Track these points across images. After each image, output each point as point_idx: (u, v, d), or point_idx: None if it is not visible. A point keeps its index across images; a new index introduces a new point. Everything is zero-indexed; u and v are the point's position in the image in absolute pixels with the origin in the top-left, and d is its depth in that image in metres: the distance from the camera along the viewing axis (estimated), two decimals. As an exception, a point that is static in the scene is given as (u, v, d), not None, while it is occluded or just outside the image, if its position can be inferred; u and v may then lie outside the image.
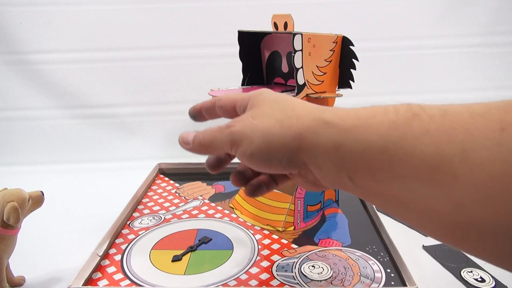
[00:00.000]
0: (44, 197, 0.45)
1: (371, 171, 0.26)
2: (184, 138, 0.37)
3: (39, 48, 0.85)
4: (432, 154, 0.23)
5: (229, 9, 0.86)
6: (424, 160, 0.23)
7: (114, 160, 0.87)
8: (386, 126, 0.25)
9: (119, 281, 0.46)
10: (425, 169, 0.23)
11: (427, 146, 0.23)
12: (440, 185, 0.23)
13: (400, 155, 0.24)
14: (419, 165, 0.23)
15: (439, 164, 0.23)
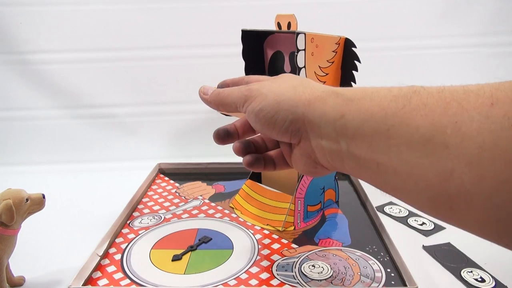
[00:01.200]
0: (45, 200, 0.45)
1: (369, 139, 0.28)
2: (204, 89, 0.41)
3: (39, 48, 0.85)
4: (427, 125, 0.24)
5: (231, 9, 0.85)
6: (418, 130, 0.25)
7: (114, 160, 0.87)
8: (388, 99, 0.27)
9: (119, 280, 0.46)
10: (419, 139, 0.25)
11: (422, 117, 0.25)
12: (432, 154, 0.24)
13: (398, 125, 0.26)
14: (414, 134, 0.25)
15: (432, 134, 0.24)
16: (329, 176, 0.63)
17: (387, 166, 0.27)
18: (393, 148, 0.26)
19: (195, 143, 0.90)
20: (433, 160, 0.24)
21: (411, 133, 0.25)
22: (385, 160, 0.27)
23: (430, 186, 0.25)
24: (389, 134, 0.26)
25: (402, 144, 0.25)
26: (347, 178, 0.76)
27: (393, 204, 0.67)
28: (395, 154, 0.26)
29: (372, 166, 0.28)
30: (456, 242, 0.55)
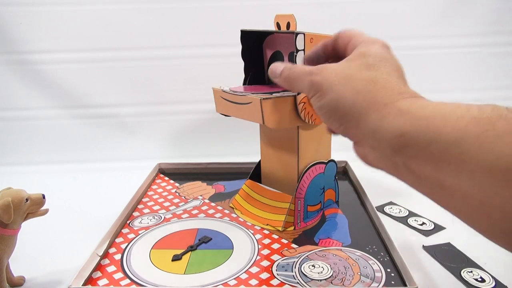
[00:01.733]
0: (45, 200, 0.45)
1: (435, 161, 0.25)
2: (273, 70, 0.39)
3: (39, 48, 0.85)
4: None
5: (230, 9, 0.86)
6: (501, 158, 0.23)
7: (114, 160, 0.87)
8: (465, 121, 0.25)
9: (119, 280, 0.46)
10: (501, 167, 0.23)
11: (507, 145, 0.23)
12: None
13: (475, 150, 0.24)
14: (495, 162, 0.23)
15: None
16: (329, 176, 0.63)
17: (454, 189, 0.25)
18: (465, 173, 0.24)
19: (195, 143, 0.91)
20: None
21: (491, 160, 0.23)
22: (454, 184, 0.25)
23: (508, 220, 0.23)
24: (463, 158, 0.24)
25: (479, 171, 0.23)
26: (347, 178, 0.76)
27: (393, 204, 0.67)
28: (466, 179, 0.24)
29: (434, 186, 0.26)
30: (456, 242, 0.55)
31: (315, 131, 0.59)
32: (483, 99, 0.91)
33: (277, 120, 0.52)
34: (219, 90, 0.56)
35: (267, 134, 0.62)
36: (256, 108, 0.50)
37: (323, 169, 0.61)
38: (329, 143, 0.63)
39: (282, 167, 0.61)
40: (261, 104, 0.49)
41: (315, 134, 0.59)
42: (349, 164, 0.78)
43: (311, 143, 0.59)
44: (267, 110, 0.50)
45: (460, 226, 0.61)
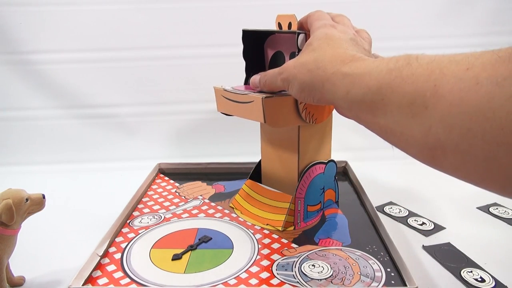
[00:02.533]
0: (45, 200, 0.45)
1: (371, 109, 0.34)
2: (253, 82, 0.51)
3: (39, 48, 0.85)
4: (412, 91, 0.29)
5: (231, 9, 0.86)
6: (405, 96, 0.30)
7: (114, 160, 0.87)
8: (384, 73, 0.32)
9: (119, 279, 0.46)
10: (406, 103, 0.30)
11: (409, 85, 0.30)
12: (416, 115, 0.29)
13: (389, 94, 0.31)
14: (402, 100, 0.30)
15: (415, 98, 0.29)
16: (329, 176, 0.63)
17: (386, 127, 0.33)
18: (388, 113, 0.32)
19: (195, 143, 0.91)
20: (416, 120, 0.29)
21: (400, 99, 0.30)
22: (384, 124, 0.33)
23: (417, 142, 0.30)
24: (384, 102, 0.32)
25: (394, 109, 0.31)
26: (347, 178, 0.76)
27: (393, 204, 0.67)
28: (389, 117, 0.32)
29: (376, 128, 0.35)
30: (456, 242, 0.55)
31: (315, 131, 0.59)
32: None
33: (279, 119, 0.52)
34: (220, 89, 0.56)
35: (268, 133, 0.62)
36: (257, 107, 0.50)
37: (323, 169, 0.61)
38: (330, 143, 0.63)
39: (282, 167, 0.61)
40: (263, 103, 0.49)
41: (316, 134, 0.59)
42: (349, 164, 0.78)
43: (312, 143, 0.59)
44: (268, 109, 0.50)
45: (460, 226, 0.61)
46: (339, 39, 0.42)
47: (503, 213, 0.63)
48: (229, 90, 0.54)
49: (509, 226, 0.60)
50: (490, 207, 0.65)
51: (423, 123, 0.29)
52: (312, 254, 0.51)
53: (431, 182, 0.75)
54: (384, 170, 0.81)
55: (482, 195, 0.68)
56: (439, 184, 0.74)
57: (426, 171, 0.86)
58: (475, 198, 0.67)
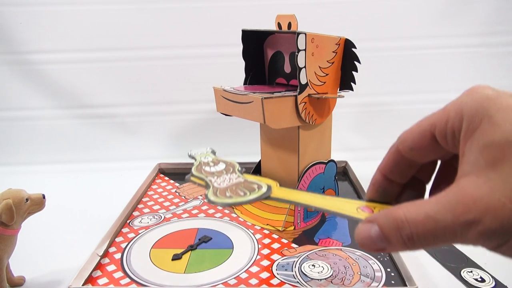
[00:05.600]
0: (45, 200, 0.45)
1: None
2: (368, 240, 0.23)
3: (39, 48, 0.85)
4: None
5: (231, 9, 0.86)
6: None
7: (114, 160, 0.87)
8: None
9: (119, 279, 0.46)
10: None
11: None
12: None
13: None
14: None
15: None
16: (329, 176, 0.63)
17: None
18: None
19: (195, 143, 0.90)
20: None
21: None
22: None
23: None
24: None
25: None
26: (347, 178, 0.76)
27: (393, 204, 0.67)
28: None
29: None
30: (456, 242, 0.55)
31: (315, 131, 0.59)
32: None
33: (278, 119, 0.52)
34: (220, 89, 0.56)
35: (268, 133, 0.62)
36: (257, 107, 0.50)
37: (323, 169, 0.61)
38: (329, 143, 0.63)
39: (282, 166, 0.61)
40: (263, 103, 0.49)
41: (316, 134, 0.59)
42: (349, 164, 0.78)
43: (312, 143, 0.59)
44: (268, 109, 0.50)
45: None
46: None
47: (503, 213, 0.63)
48: (229, 90, 0.54)
49: (509, 226, 0.60)
50: (490, 207, 0.65)
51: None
52: (312, 254, 0.51)
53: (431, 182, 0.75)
54: (384, 170, 0.81)
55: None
56: (439, 184, 0.74)
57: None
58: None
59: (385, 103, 0.90)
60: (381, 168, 0.29)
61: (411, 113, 0.92)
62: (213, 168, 0.36)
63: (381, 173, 0.29)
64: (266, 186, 0.33)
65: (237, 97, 0.53)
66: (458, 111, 0.22)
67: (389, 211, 0.22)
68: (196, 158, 0.39)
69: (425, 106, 0.91)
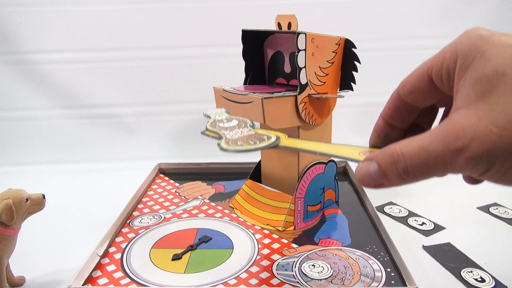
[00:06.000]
0: (45, 200, 0.45)
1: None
2: (367, 176, 0.25)
3: (39, 48, 0.85)
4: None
5: (231, 9, 0.86)
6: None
7: (114, 160, 0.87)
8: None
9: (119, 279, 0.46)
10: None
11: None
12: None
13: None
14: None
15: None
16: (329, 176, 0.63)
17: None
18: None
19: (195, 143, 0.91)
20: None
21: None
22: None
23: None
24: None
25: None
26: (347, 178, 0.76)
27: (393, 204, 0.67)
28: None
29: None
30: (456, 242, 0.55)
31: (315, 131, 0.59)
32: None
33: (278, 119, 0.52)
34: (220, 89, 0.56)
35: (267, 134, 0.62)
36: (257, 107, 0.50)
37: (323, 169, 0.61)
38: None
39: (282, 167, 0.61)
40: (263, 103, 0.49)
41: (316, 134, 0.59)
42: (349, 164, 0.78)
43: (311, 143, 0.59)
44: (268, 109, 0.50)
45: (460, 226, 0.61)
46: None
47: (503, 213, 0.63)
48: (229, 90, 0.54)
49: (509, 226, 0.60)
50: (490, 207, 0.65)
51: None
52: (312, 254, 0.51)
53: (431, 182, 0.75)
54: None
55: (482, 195, 0.68)
56: (439, 184, 0.74)
57: (426, 171, 0.85)
58: (475, 198, 0.67)
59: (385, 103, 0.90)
60: (383, 114, 0.30)
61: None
62: (227, 124, 0.39)
63: (383, 119, 0.30)
64: (275, 137, 0.34)
65: (237, 97, 0.53)
66: (453, 51, 0.23)
67: (386, 148, 0.24)
68: (211, 116, 0.43)
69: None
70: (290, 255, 0.51)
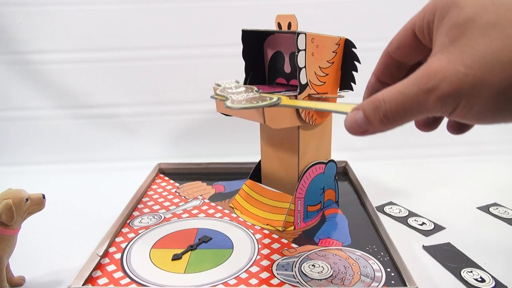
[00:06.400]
0: (45, 200, 0.45)
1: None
2: (354, 123, 0.27)
3: (39, 48, 0.85)
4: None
5: (231, 9, 0.86)
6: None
7: (114, 160, 0.87)
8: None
9: (119, 279, 0.46)
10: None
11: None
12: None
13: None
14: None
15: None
16: (329, 176, 0.63)
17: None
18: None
19: (195, 143, 0.91)
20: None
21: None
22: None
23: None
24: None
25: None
26: (347, 178, 0.76)
27: (393, 204, 0.67)
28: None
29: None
30: (456, 242, 0.55)
31: (315, 131, 0.59)
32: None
33: (278, 119, 0.52)
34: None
35: (268, 134, 0.62)
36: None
37: (323, 169, 0.61)
38: (329, 143, 0.63)
39: (282, 167, 0.61)
40: (262, 103, 0.49)
41: (316, 134, 0.59)
42: (349, 164, 0.78)
43: (312, 143, 0.59)
44: (268, 109, 0.50)
45: (460, 226, 0.61)
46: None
47: (503, 213, 0.63)
48: None
49: (509, 226, 0.60)
50: (490, 207, 0.65)
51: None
52: (312, 254, 0.51)
53: (431, 182, 0.75)
54: (384, 170, 0.81)
55: (482, 195, 0.68)
56: (439, 184, 0.74)
57: (426, 171, 0.86)
58: (475, 198, 0.67)
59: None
60: (375, 72, 0.33)
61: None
62: (235, 90, 0.44)
63: (375, 76, 0.33)
64: (277, 97, 0.39)
65: (237, 97, 0.53)
66: (433, 6, 0.25)
67: (371, 97, 0.26)
68: (221, 85, 0.47)
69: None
70: (290, 255, 0.51)
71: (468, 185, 0.73)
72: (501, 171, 0.80)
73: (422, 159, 0.86)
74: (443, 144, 0.89)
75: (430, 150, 0.88)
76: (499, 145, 0.89)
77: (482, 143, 0.89)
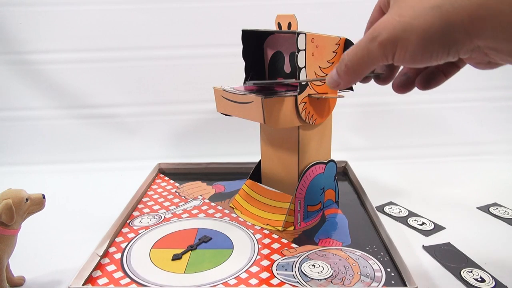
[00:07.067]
0: (45, 200, 0.45)
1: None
2: (330, 78, 0.34)
3: (39, 48, 0.85)
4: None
5: (231, 9, 0.86)
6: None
7: (114, 160, 0.87)
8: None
9: (119, 279, 0.46)
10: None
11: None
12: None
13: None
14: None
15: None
16: (329, 176, 0.63)
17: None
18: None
19: (195, 143, 0.91)
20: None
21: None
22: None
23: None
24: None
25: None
26: (347, 178, 0.76)
27: (393, 204, 0.67)
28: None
29: None
30: (456, 242, 0.55)
31: (315, 131, 0.59)
32: (483, 99, 0.91)
33: (278, 119, 0.52)
34: (220, 89, 0.56)
35: (268, 134, 0.62)
36: (257, 107, 0.50)
37: (323, 169, 0.61)
38: (329, 143, 0.63)
39: (282, 167, 0.61)
40: (263, 103, 0.49)
41: (316, 134, 0.59)
42: (349, 164, 0.78)
43: (312, 143, 0.59)
44: (268, 109, 0.50)
45: (460, 226, 0.61)
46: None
47: (503, 213, 0.63)
48: (229, 90, 0.54)
49: (509, 226, 0.60)
50: (490, 207, 0.65)
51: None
52: (312, 254, 0.51)
53: (431, 182, 0.75)
54: (384, 170, 0.81)
55: (482, 195, 0.68)
56: (439, 184, 0.74)
57: (426, 171, 0.86)
58: (475, 198, 0.67)
59: (385, 103, 0.91)
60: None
61: (411, 113, 0.92)
62: None
63: None
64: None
65: (237, 97, 0.53)
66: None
67: None
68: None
69: (425, 106, 0.92)
70: (290, 255, 0.51)
71: (468, 185, 0.73)
72: (501, 171, 0.80)
73: (422, 159, 0.86)
74: (443, 144, 0.89)
75: (430, 150, 0.88)
76: (499, 145, 0.89)
77: (482, 143, 0.89)
